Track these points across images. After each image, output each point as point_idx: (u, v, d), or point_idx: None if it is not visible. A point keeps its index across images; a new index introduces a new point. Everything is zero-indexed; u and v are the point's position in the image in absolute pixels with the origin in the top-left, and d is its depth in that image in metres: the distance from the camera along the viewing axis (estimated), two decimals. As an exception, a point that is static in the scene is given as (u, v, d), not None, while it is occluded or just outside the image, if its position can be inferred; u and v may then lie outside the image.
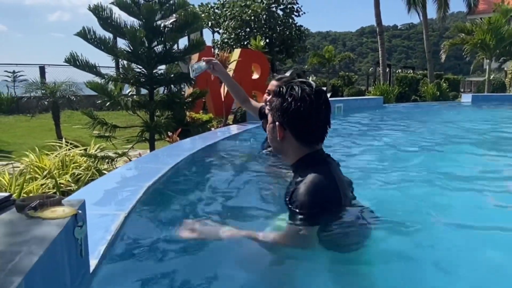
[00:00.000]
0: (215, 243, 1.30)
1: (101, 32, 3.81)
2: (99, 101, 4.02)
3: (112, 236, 1.29)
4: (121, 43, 4.04)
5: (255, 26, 16.37)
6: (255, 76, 7.85)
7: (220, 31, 17.83)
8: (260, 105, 2.71)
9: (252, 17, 16.37)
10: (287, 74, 12.50)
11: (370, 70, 29.73)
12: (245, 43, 15.14)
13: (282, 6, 17.55)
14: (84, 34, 3.64)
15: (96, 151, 3.90)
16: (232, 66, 7.05)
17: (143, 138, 3.87)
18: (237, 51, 7.92)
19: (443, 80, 17.48)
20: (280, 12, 17.84)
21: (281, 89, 1.38)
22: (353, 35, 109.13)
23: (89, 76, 3.92)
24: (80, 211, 0.95)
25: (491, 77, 16.89)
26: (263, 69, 7.88)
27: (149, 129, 3.81)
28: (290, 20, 17.80)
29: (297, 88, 1.33)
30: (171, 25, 4.01)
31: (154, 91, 4.03)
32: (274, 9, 17.53)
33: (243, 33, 16.38)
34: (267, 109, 2.47)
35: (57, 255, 0.84)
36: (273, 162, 2.30)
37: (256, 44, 10.00)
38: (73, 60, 3.63)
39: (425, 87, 15.18)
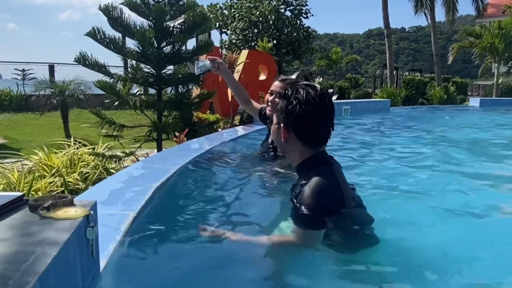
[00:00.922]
0: (224, 244, 1.30)
1: (110, 32, 3.83)
2: (107, 100, 4.04)
3: (121, 236, 1.29)
4: (130, 43, 4.06)
5: (263, 27, 16.38)
6: (262, 77, 7.86)
7: (228, 32, 17.86)
8: (260, 107, 2.76)
9: (260, 18, 16.38)
10: (294, 75, 12.47)
11: (377, 72, 29.62)
12: (253, 44, 15.15)
13: (290, 8, 17.54)
14: (94, 34, 3.66)
15: (104, 150, 3.92)
16: (239, 67, 7.07)
17: (151, 138, 3.89)
18: (244, 52, 7.93)
19: (450, 83, 17.37)
20: (288, 14, 17.82)
21: (287, 91, 1.41)
22: (361, 37, 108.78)
23: (98, 75, 3.94)
24: (92, 212, 0.95)
25: (500, 81, 16.73)
26: (270, 70, 7.88)
27: (157, 129, 3.83)
28: (298, 21, 17.78)
29: (302, 91, 1.37)
30: (180, 26, 4.03)
31: (162, 91, 4.04)
32: (282, 10, 17.52)
33: (251, 34, 16.39)
34: (268, 110, 2.46)
35: (70, 256, 0.84)
36: (271, 162, 2.31)
37: (264, 45, 10.01)
38: (83, 60, 3.65)
39: (433, 90, 15.08)
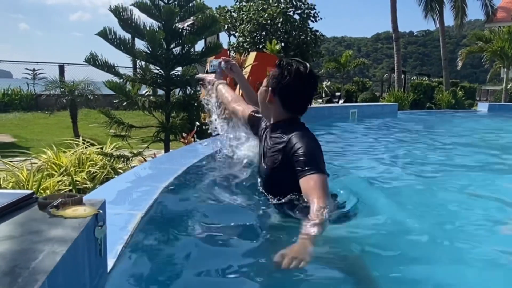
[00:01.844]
0: (231, 248, 1.30)
1: (120, 32, 3.86)
2: (116, 101, 4.06)
3: (129, 236, 1.29)
4: (139, 44, 4.09)
5: (271, 29, 16.39)
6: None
7: (236, 34, 17.90)
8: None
9: (268, 21, 16.39)
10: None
11: (384, 76, 29.47)
12: (261, 46, 15.17)
13: (299, 11, 17.53)
14: (105, 34, 3.69)
15: (112, 150, 3.94)
16: (247, 69, 7.07)
17: (158, 139, 3.90)
18: (252, 54, 7.93)
19: (459, 88, 17.22)
20: (296, 17, 17.81)
21: (282, 62, 1.65)
22: (368, 40, 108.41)
23: (107, 76, 3.97)
24: (101, 211, 0.95)
25: (509, 86, 16.56)
26: (278, 73, 7.85)
27: (165, 130, 3.84)
28: (306, 25, 17.76)
29: (295, 65, 1.60)
30: (189, 28, 4.04)
31: (171, 92, 4.06)
32: (291, 13, 17.51)
33: (259, 37, 16.41)
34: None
35: (78, 255, 0.84)
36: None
37: (272, 48, 10.00)
38: (93, 60, 3.68)
39: (441, 95, 14.96)
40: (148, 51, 3.83)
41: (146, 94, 4.32)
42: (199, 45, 5.89)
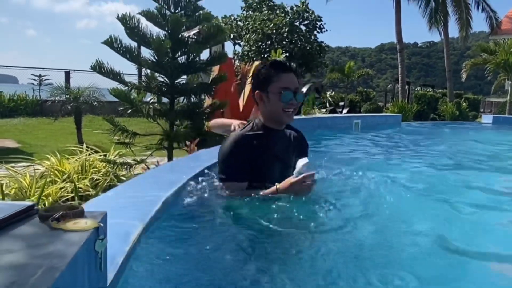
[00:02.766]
0: (235, 258, 1.27)
1: (127, 41, 3.89)
2: (121, 108, 4.07)
3: (130, 248, 1.27)
4: (145, 52, 4.11)
5: (276, 39, 16.50)
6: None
7: (242, 43, 18.02)
8: None
9: (274, 31, 16.50)
10: (305, 88, 12.44)
11: (388, 86, 29.48)
12: (266, 55, 15.24)
13: (306, 22, 17.66)
14: (111, 43, 3.71)
15: (115, 157, 3.94)
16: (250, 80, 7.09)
17: (162, 147, 3.89)
18: (256, 63, 7.97)
19: (463, 99, 17.18)
20: (303, 27, 17.92)
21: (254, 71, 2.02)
22: (373, 51, 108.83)
23: (112, 83, 3.99)
24: (102, 224, 0.93)
25: (513, 98, 16.49)
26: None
27: (169, 138, 3.84)
28: (312, 36, 17.86)
29: (263, 63, 2.01)
30: (195, 37, 4.06)
31: (175, 100, 4.06)
32: (297, 24, 17.63)
33: (264, 46, 16.51)
34: None
35: (78, 269, 0.82)
36: None
37: (276, 57, 10.04)
38: (99, 68, 3.70)
39: (445, 106, 14.93)
40: (154, 60, 3.85)
41: (150, 102, 4.33)
42: (205, 54, 5.93)
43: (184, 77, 4.33)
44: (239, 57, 17.06)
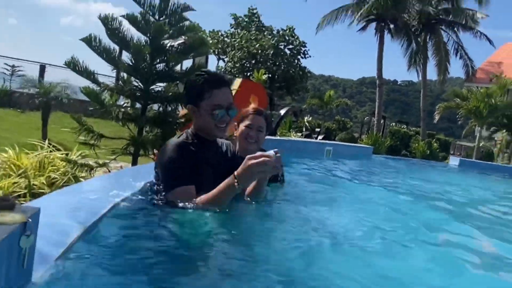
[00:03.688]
0: (165, 269, 1.24)
1: (108, 42, 3.85)
2: (91, 108, 3.99)
3: (66, 249, 1.22)
4: (125, 56, 4.07)
5: (261, 59, 16.76)
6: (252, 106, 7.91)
7: (226, 59, 18.19)
8: None
9: (259, 51, 16.77)
10: (283, 110, 12.55)
11: (365, 119, 30.27)
12: (248, 74, 15.42)
13: (290, 46, 18.06)
14: (89, 41, 3.67)
15: (77, 157, 3.83)
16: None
17: (128, 152, 3.82)
18: (238, 81, 8.03)
19: (434, 139, 17.84)
20: (287, 51, 18.30)
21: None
22: (354, 83, 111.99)
23: (87, 82, 3.92)
24: (30, 220, 0.90)
25: (481, 144, 17.26)
26: (261, 102, 7.93)
27: (136, 143, 3.77)
28: (295, 60, 18.26)
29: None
30: (179, 46, 4.07)
31: (148, 107, 4.02)
32: (282, 47, 18.00)
33: (248, 64, 16.72)
34: (245, 143, 2.42)
35: (-6, 263, 0.78)
36: None
37: (259, 77, 10.18)
38: (73, 65, 3.64)
39: (417, 144, 15.44)
40: (131, 63, 3.82)
41: (124, 105, 4.26)
42: (188, 63, 5.92)
43: (161, 84, 4.31)
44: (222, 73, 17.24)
